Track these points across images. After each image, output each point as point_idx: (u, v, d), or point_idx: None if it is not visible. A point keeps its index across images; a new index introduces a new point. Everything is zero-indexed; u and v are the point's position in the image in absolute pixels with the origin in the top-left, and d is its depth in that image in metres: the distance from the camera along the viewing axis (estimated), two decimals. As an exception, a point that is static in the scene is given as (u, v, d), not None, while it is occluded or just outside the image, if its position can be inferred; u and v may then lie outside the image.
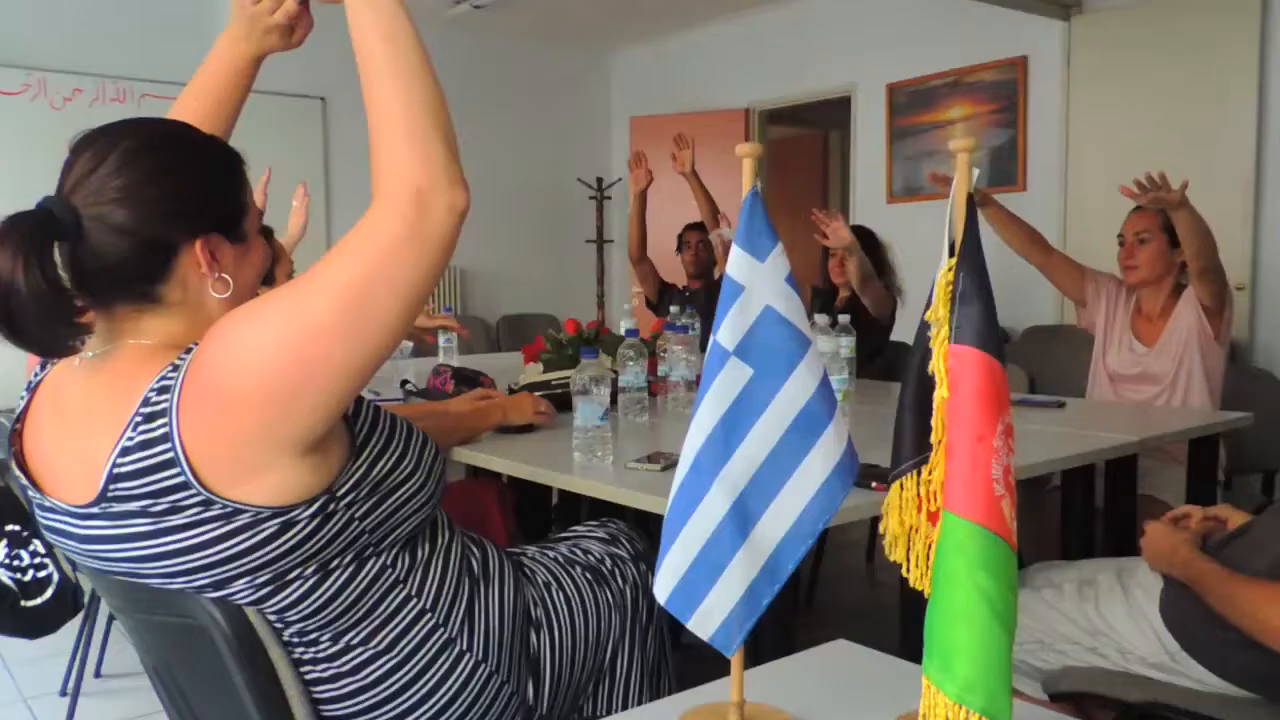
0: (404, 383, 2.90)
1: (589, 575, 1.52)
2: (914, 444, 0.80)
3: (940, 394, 0.76)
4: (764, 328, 0.79)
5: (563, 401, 2.27)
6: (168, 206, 1.09)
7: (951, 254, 0.76)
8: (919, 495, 0.80)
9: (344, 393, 1.03)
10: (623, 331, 2.46)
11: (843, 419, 0.82)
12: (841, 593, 3.65)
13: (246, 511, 1.05)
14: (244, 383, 0.99)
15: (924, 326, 0.78)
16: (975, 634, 0.71)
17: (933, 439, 0.78)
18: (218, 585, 1.10)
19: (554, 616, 1.42)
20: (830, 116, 6.94)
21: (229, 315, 1.03)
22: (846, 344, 2.79)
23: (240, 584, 1.10)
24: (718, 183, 6.76)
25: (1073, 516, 2.45)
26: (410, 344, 3.61)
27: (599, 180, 7.12)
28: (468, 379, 2.76)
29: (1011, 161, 5.26)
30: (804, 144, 8.29)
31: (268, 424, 1.01)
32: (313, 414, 1.01)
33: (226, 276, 1.13)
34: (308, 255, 1.00)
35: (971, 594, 0.71)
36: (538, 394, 2.30)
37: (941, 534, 0.74)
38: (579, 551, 1.59)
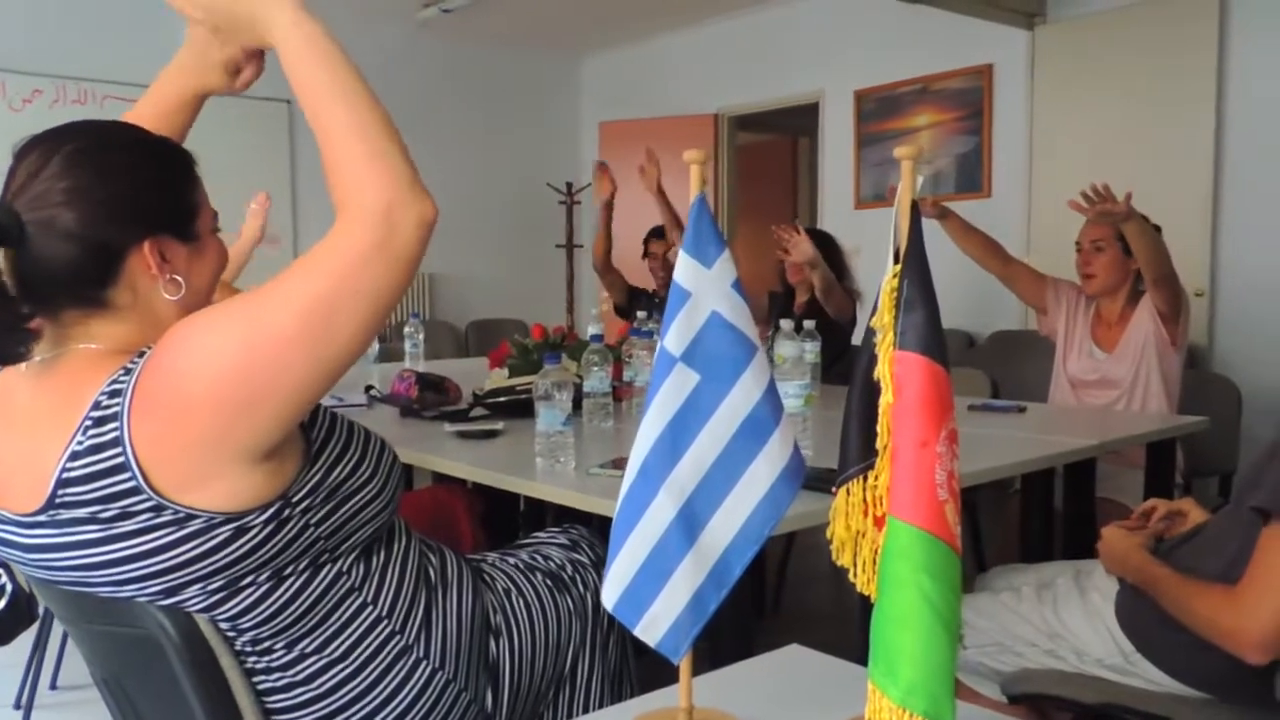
0: (368, 388, 2.89)
1: (549, 582, 1.51)
2: (860, 449, 0.80)
3: (885, 400, 0.76)
4: (710, 333, 0.79)
5: (527, 407, 2.27)
6: (114, 208, 1.07)
7: (897, 261, 0.77)
8: (865, 500, 0.80)
9: (301, 404, 1.02)
10: (589, 337, 2.46)
11: (789, 424, 0.83)
12: (808, 596, 3.66)
13: (199, 517, 1.04)
14: (199, 389, 0.98)
15: (870, 333, 0.79)
16: (919, 638, 0.71)
17: (878, 444, 0.78)
18: (169, 592, 1.09)
19: (513, 623, 1.42)
20: (799, 122, 6.98)
21: (187, 320, 1.02)
22: (811, 349, 2.81)
23: (192, 591, 1.09)
24: (686, 187, 6.75)
25: (1032, 520, 2.48)
26: (376, 347, 3.59)
27: (568, 185, 7.11)
28: (432, 384, 2.75)
29: (977, 168, 5.31)
30: (773, 150, 8.34)
31: (221, 431, 1.00)
32: (268, 423, 1.01)
33: (178, 277, 1.11)
34: (276, 262, 0.99)
35: (915, 598, 0.72)
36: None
37: (886, 539, 0.74)
38: (540, 558, 1.59)
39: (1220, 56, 4.35)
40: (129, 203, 1.08)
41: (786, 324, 2.76)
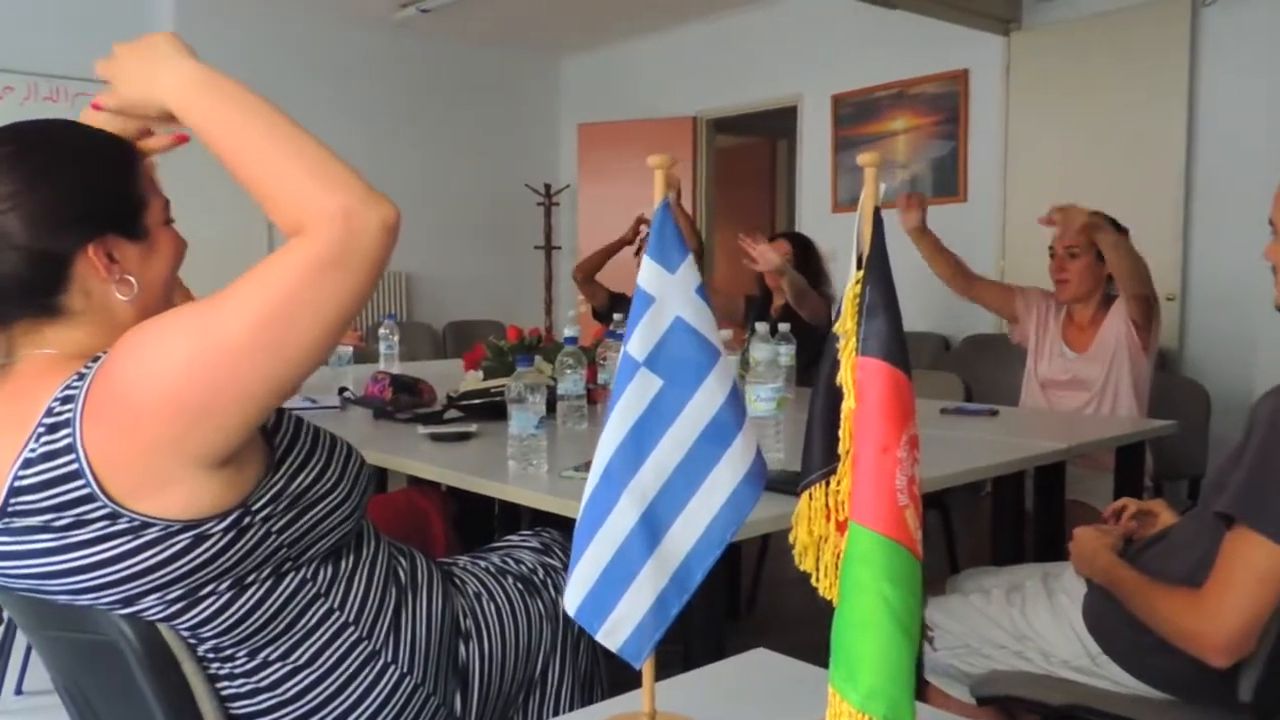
0: (342, 390, 2.87)
1: (520, 585, 1.51)
2: (823, 454, 0.81)
3: (848, 405, 0.77)
4: (674, 339, 0.79)
5: (501, 409, 2.26)
6: (52, 214, 1.03)
7: (860, 267, 0.77)
8: (827, 505, 0.81)
9: (257, 412, 1.00)
10: (563, 339, 2.46)
11: (752, 429, 0.83)
12: (783, 599, 3.67)
13: (155, 525, 1.02)
14: (151, 396, 0.96)
15: (833, 338, 0.79)
16: (879, 643, 0.72)
17: (840, 449, 0.79)
18: (126, 602, 1.07)
19: (483, 627, 1.41)
20: (777, 126, 7.01)
21: (141, 326, 1.00)
22: (786, 352, 2.82)
23: (150, 600, 1.07)
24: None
25: (1003, 522, 2.49)
26: (350, 350, 3.56)
27: (547, 186, 7.11)
28: (406, 386, 2.74)
29: (953, 173, 5.35)
30: (751, 153, 8.36)
31: (175, 438, 0.98)
32: (222, 431, 0.99)
33: (130, 278, 1.08)
34: (249, 264, 0.95)
35: (876, 603, 0.72)
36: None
37: (848, 544, 0.74)
38: (511, 561, 1.58)
39: (1192, 64, 4.40)
40: (67, 207, 1.05)
41: (762, 327, 2.77)
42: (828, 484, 0.81)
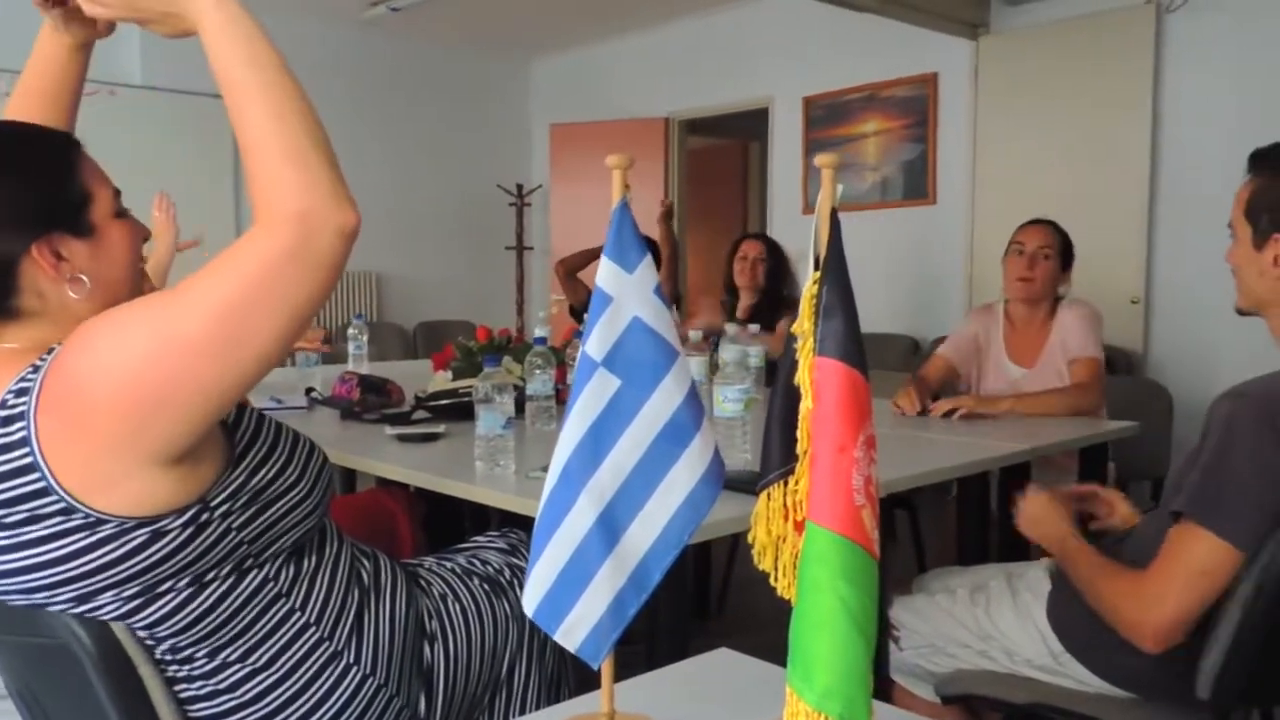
0: (309, 390, 2.85)
1: (486, 586, 1.50)
2: (781, 454, 0.81)
3: (805, 405, 0.77)
4: (632, 339, 0.79)
5: (469, 410, 2.25)
6: None
7: (817, 268, 0.78)
8: (785, 505, 0.81)
9: (213, 408, 0.99)
10: (533, 340, 2.45)
11: (710, 429, 0.83)
12: (754, 599, 3.68)
13: (110, 521, 1.01)
14: (104, 392, 0.95)
15: (791, 339, 0.80)
16: (834, 642, 0.72)
17: (798, 450, 0.79)
18: (81, 600, 1.06)
19: (449, 628, 1.40)
20: (749, 127, 7.03)
21: (94, 319, 0.99)
22: (755, 353, 2.83)
23: (106, 598, 1.06)
24: (636, 190, 6.73)
25: (968, 524, 2.52)
26: (316, 356, 3.53)
27: (519, 187, 7.08)
28: (374, 386, 2.72)
29: (922, 175, 5.39)
30: (723, 154, 8.39)
31: (130, 433, 0.97)
32: (176, 428, 0.98)
33: (81, 275, 1.07)
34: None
35: (832, 603, 0.72)
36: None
37: (805, 543, 0.74)
38: (477, 562, 1.58)
39: (1156, 69, 4.46)
40: (5, 210, 1.03)
41: (732, 328, 2.78)
42: (786, 484, 0.81)
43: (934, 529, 3.27)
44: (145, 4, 1.08)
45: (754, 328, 2.93)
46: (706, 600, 3.42)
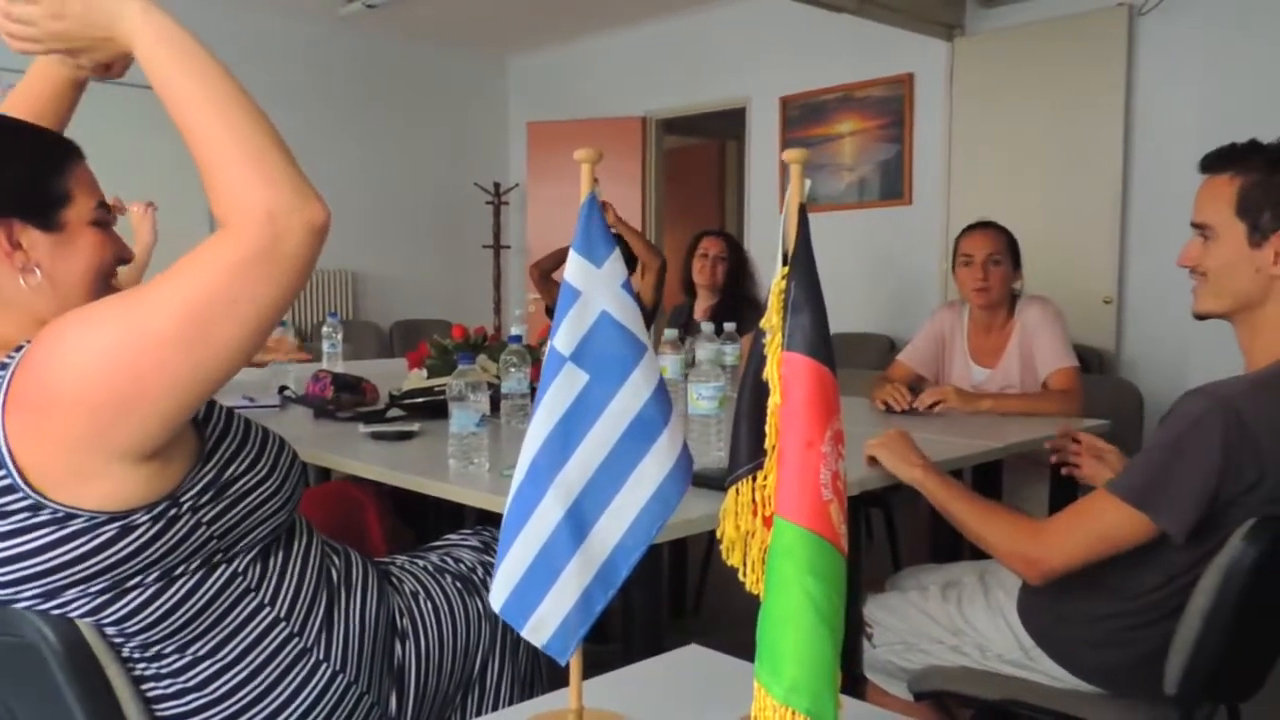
0: (282, 389, 2.83)
1: (459, 584, 1.50)
2: (750, 450, 0.81)
3: (773, 400, 0.77)
4: (600, 333, 0.79)
5: (444, 408, 2.24)
6: None
7: (785, 263, 0.78)
8: (754, 500, 0.81)
9: (182, 407, 0.99)
10: (508, 338, 2.45)
11: (678, 424, 0.83)
12: (732, 596, 3.68)
13: (79, 516, 1.00)
14: (73, 389, 0.95)
15: (759, 334, 0.80)
16: (802, 637, 0.72)
17: (767, 445, 0.79)
18: (48, 595, 1.05)
19: (420, 626, 1.40)
20: (726, 127, 7.04)
21: (64, 317, 0.99)
22: (731, 351, 2.83)
23: (73, 594, 1.05)
24: (614, 189, 6.77)
25: (942, 521, 2.52)
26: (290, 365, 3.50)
27: (496, 185, 7.07)
28: (348, 385, 2.71)
29: (898, 175, 5.41)
30: (701, 153, 8.40)
31: (98, 431, 0.96)
32: (146, 425, 0.98)
33: (35, 268, 1.06)
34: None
35: (800, 597, 0.73)
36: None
37: (772, 538, 0.75)
38: (450, 560, 1.57)
39: (1128, 71, 4.50)
40: None
41: (707, 326, 2.78)
42: (754, 479, 0.81)
43: (909, 527, 3.29)
44: (75, 32, 1.06)
45: (729, 326, 2.92)
46: (683, 598, 3.43)
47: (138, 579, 1.07)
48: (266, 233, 0.93)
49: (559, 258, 4.32)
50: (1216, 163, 1.49)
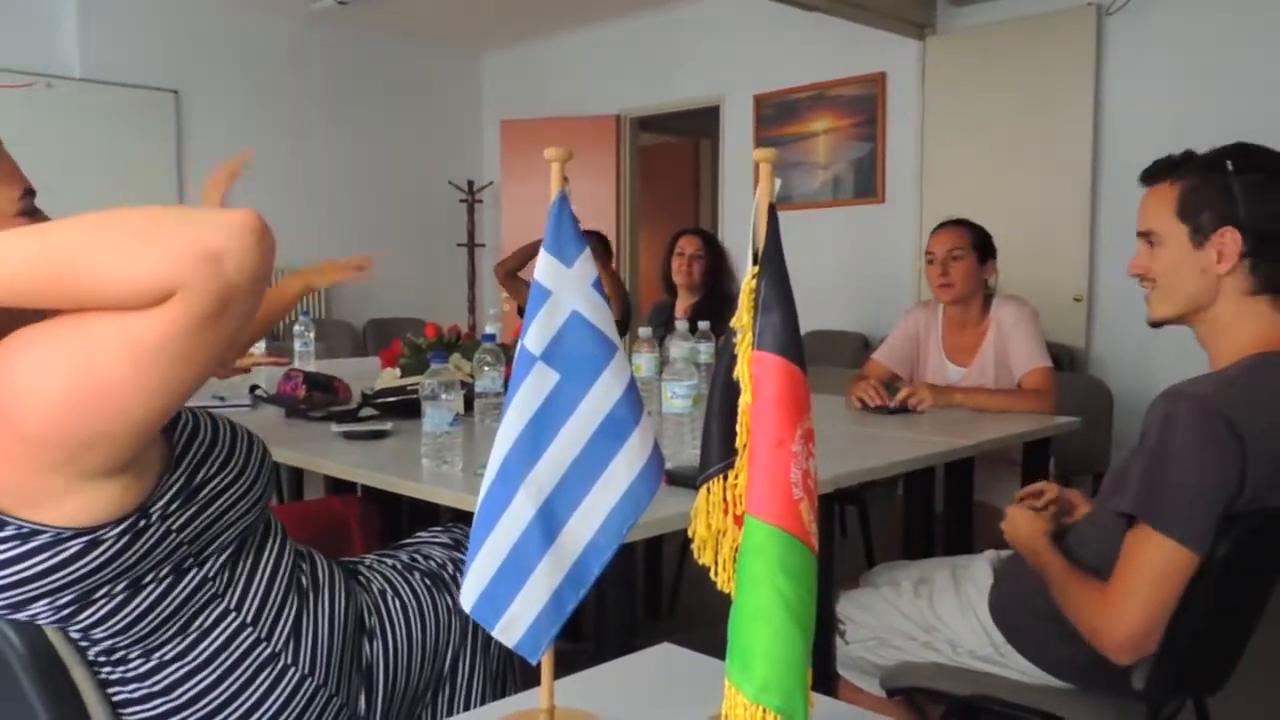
0: (253, 388, 2.80)
1: (428, 581, 1.49)
2: (721, 448, 0.81)
3: (744, 399, 0.77)
4: (571, 332, 0.79)
5: (417, 407, 2.23)
6: None
7: (755, 262, 0.78)
8: (725, 499, 0.81)
9: (143, 434, 0.95)
10: (481, 337, 2.44)
11: (649, 423, 0.83)
12: (707, 596, 3.68)
13: (45, 532, 0.98)
14: (30, 423, 0.90)
15: (730, 333, 0.80)
16: (773, 635, 0.72)
17: (737, 444, 0.79)
18: (13, 608, 1.03)
19: (388, 624, 1.39)
20: (700, 125, 7.05)
21: (18, 339, 0.91)
22: (705, 350, 2.83)
23: (39, 605, 1.03)
24: (588, 187, 6.75)
25: (914, 518, 2.55)
26: (261, 345, 3.47)
27: (470, 184, 7.04)
28: (320, 384, 2.69)
29: (871, 174, 5.44)
30: (675, 152, 8.40)
31: (61, 460, 0.93)
32: (113, 445, 0.94)
33: None
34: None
35: (771, 596, 0.73)
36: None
37: (743, 537, 0.75)
38: (419, 558, 1.56)
39: (1097, 70, 4.54)
40: None
41: (682, 325, 2.78)
42: (725, 478, 0.81)
43: (883, 524, 3.30)
44: None
45: (704, 324, 2.93)
46: (659, 598, 3.43)
47: (105, 589, 1.05)
48: (218, 277, 0.85)
49: (523, 256, 4.30)
50: (1156, 174, 1.53)
